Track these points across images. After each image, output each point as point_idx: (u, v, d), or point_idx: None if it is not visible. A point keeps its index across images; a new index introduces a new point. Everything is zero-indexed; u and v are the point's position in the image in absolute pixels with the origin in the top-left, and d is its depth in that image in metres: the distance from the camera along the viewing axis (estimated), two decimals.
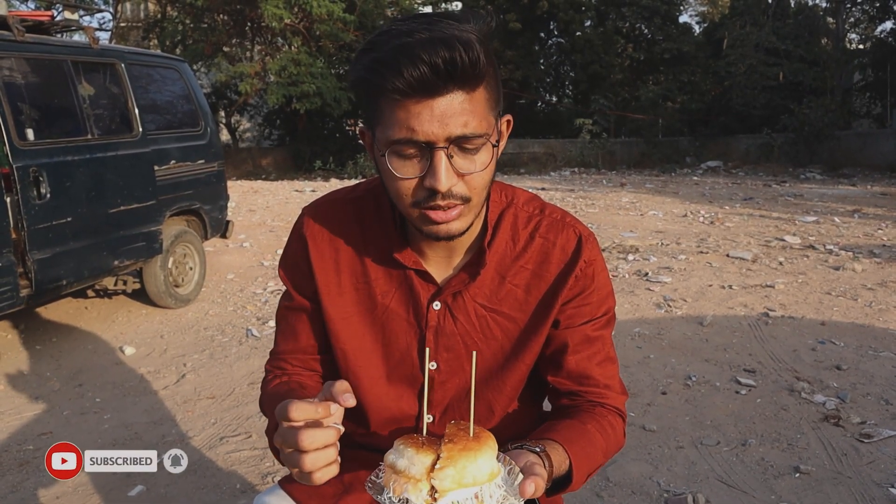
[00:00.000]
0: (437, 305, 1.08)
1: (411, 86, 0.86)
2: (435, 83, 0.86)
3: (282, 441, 0.84)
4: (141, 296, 5.08)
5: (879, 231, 7.73)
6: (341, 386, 0.85)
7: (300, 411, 0.82)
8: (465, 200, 0.94)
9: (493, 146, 0.95)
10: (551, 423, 1.06)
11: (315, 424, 0.83)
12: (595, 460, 1.02)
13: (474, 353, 0.89)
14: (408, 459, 0.79)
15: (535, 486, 0.80)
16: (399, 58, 0.85)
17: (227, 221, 5.71)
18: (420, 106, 0.88)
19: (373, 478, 0.84)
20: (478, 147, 0.92)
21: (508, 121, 1.02)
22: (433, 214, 0.94)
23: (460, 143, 0.90)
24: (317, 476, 0.83)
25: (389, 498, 0.79)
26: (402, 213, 0.99)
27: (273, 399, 1.04)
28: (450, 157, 0.91)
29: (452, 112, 0.88)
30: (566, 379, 1.11)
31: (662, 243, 7.15)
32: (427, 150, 0.90)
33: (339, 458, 0.84)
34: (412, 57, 0.85)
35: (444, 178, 0.90)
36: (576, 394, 1.11)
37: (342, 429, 0.85)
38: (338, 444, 0.83)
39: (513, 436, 1.02)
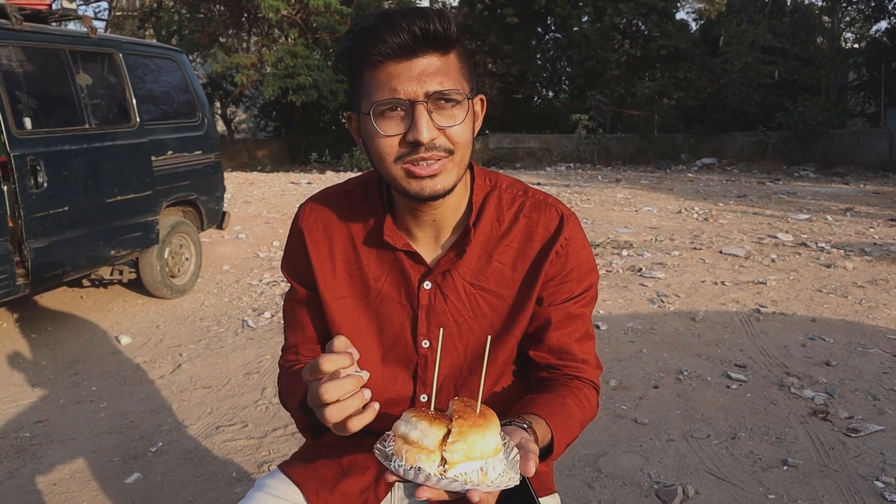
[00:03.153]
0: (427, 285, 1.13)
1: (393, 49, 0.96)
2: (413, 47, 0.97)
3: (310, 398, 0.89)
4: (137, 286, 5.10)
5: (871, 229, 7.79)
6: (340, 342, 0.89)
7: (330, 362, 0.86)
8: (449, 153, 1.01)
9: (468, 99, 1.03)
10: (532, 397, 1.11)
11: (334, 376, 0.87)
12: (573, 431, 1.10)
13: (489, 337, 0.95)
14: (421, 431, 0.84)
15: (534, 464, 0.87)
16: (381, 25, 0.96)
17: (224, 212, 5.72)
18: (400, 67, 0.98)
19: (379, 446, 0.89)
20: (454, 104, 1.00)
21: (482, 100, 1.10)
22: (417, 169, 1.00)
23: (437, 99, 0.99)
24: (349, 424, 0.87)
25: (401, 465, 0.84)
26: (387, 178, 1.04)
27: (295, 378, 1.09)
28: (429, 112, 0.98)
29: (429, 72, 0.98)
30: (546, 353, 1.17)
31: (656, 239, 7.20)
32: (408, 107, 0.98)
33: (373, 406, 0.88)
34: (393, 25, 0.96)
35: (425, 130, 0.97)
36: (554, 367, 1.17)
37: (364, 376, 0.88)
38: (364, 391, 0.87)
39: (504, 409, 1.06)
